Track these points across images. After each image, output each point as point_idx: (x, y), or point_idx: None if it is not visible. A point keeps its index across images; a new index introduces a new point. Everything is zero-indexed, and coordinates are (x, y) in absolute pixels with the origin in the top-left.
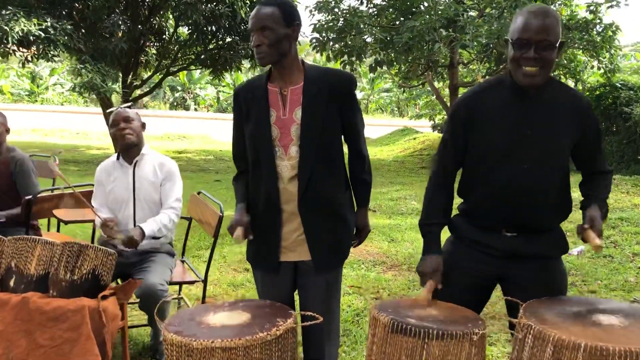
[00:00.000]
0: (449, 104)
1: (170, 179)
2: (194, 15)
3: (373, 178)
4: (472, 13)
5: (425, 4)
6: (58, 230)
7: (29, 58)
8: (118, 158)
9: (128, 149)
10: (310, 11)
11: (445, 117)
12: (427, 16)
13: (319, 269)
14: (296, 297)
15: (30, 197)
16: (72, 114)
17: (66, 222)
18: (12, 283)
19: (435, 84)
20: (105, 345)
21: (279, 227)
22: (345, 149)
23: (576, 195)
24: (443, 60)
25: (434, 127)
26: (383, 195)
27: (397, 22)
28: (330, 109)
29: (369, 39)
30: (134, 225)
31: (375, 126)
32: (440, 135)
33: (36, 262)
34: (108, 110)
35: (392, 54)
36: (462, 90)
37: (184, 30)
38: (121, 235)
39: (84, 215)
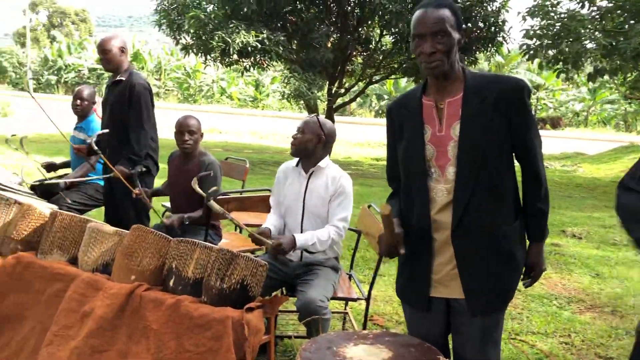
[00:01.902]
0: None
1: (339, 196)
2: (399, 24)
3: (583, 200)
4: None
5: None
6: (240, 232)
7: (247, 67)
8: (297, 164)
9: (295, 157)
10: (523, 16)
11: None
12: None
13: (473, 310)
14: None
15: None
16: (287, 119)
17: (237, 226)
18: (171, 283)
19: None
20: None
21: (429, 257)
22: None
23: None
24: None
25: None
26: (593, 221)
27: (626, 26)
28: (496, 123)
29: (589, 45)
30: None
31: (594, 141)
32: None
33: (194, 266)
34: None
35: (617, 62)
36: None
37: (388, 40)
38: (270, 241)
39: (259, 219)
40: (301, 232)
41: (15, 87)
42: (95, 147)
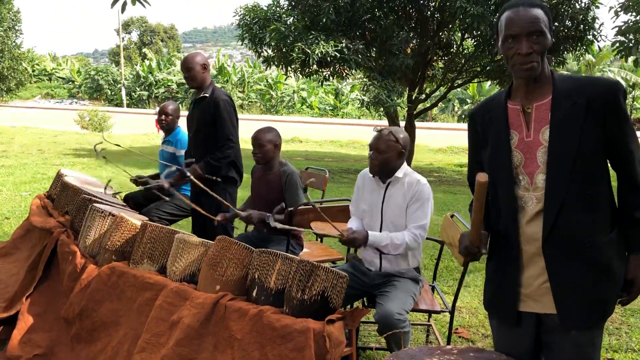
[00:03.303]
0: None
1: (417, 202)
2: (481, 27)
3: None
4: None
5: None
6: (321, 241)
7: (326, 77)
8: (374, 176)
9: (377, 175)
10: (616, 12)
11: None
12: None
13: (567, 326)
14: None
15: (291, 209)
16: (366, 127)
17: (318, 235)
18: (254, 294)
19: None
20: None
21: (518, 270)
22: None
23: None
24: None
25: None
26: None
27: None
28: (588, 127)
29: None
30: None
31: None
32: None
33: (275, 277)
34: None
35: None
36: None
37: (470, 43)
38: (347, 235)
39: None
40: None
41: (110, 103)
42: (187, 174)
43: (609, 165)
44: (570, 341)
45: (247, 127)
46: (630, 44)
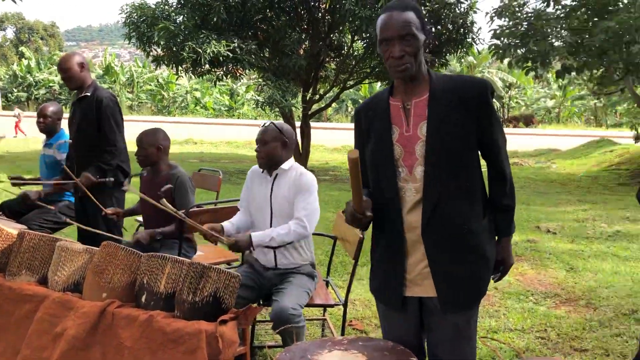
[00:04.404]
0: None
1: (301, 192)
2: (370, 29)
3: (557, 195)
4: None
5: (625, 0)
6: (216, 244)
7: (220, 77)
8: (263, 170)
9: (265, 169)
10: (491, 17)
11: None
12: (626, 14)
13: (445, 307)
14: None
15: (182, 211)
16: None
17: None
18: (143, 299)
19: (639, 90)
20: None
21: (402, 257)
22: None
23: None
24: None
25: (636, 139)
26: (567, 215)
27: (590, 24)
28: (461, 122)
29: (556, 43)
30: None
31: (567, 137)
32: None
33: (165, 281)
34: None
35: (584, 58)
36: None
37: (360, 45)
38: (228, 239)
39: None
40: None
41: None
42: (69, 171)
43: (480, 157)
44: (448, 322)
45: (138, 128)
46: (505, 47)
